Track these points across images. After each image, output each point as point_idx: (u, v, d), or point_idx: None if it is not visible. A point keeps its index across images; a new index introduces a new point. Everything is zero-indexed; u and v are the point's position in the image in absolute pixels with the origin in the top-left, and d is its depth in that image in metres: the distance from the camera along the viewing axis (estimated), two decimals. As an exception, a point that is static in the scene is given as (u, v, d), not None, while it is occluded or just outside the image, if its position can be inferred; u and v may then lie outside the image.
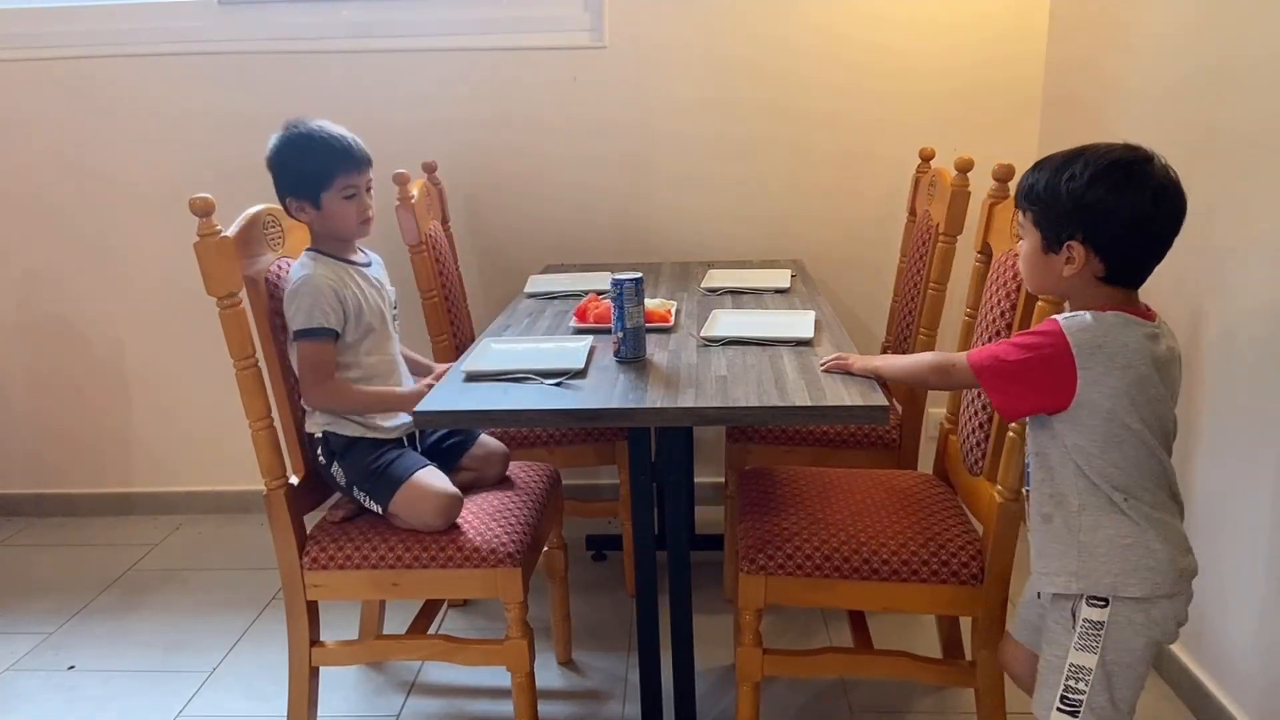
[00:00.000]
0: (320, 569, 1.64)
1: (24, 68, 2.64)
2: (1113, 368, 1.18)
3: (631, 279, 1.56)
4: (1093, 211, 1.20)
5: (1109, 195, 1.19)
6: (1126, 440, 1.21)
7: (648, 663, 1.67)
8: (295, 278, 1.65)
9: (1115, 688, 1.24)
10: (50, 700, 2.00)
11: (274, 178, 1.69)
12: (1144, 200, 1.19)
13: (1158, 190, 1.19)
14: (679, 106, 2.60)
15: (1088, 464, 1.23)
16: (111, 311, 2.78)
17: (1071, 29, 2.41)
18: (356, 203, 1.68)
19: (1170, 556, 1.24)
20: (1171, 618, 1.26)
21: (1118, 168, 1.20)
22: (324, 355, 1.64)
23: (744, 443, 2.14)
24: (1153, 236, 1.21)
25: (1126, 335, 1.19)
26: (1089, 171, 1.20)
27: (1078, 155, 1.23)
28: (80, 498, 2.91)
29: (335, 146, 1.66)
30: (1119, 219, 1.19)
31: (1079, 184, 1.20)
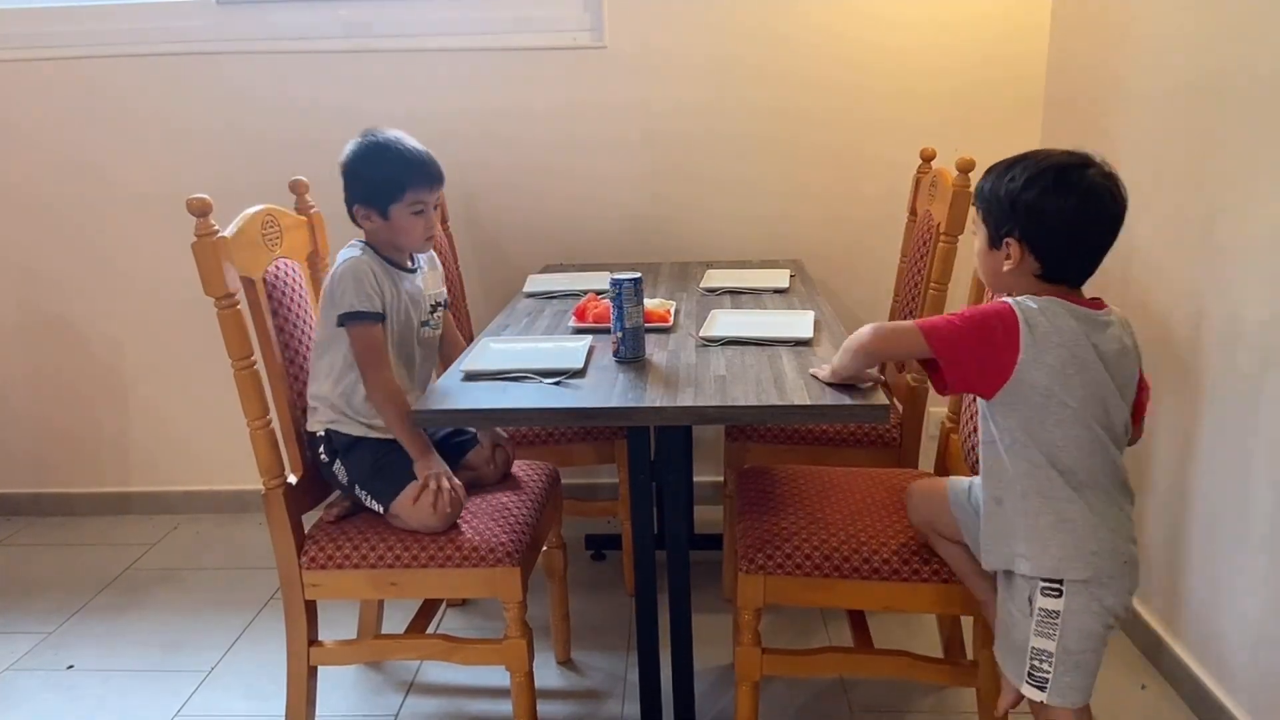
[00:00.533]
0: (319, 568, 1.64)
1: (24, 68, 2.64)
2: (1049, 345, 1.24)
3: (630, 279, 1.56)
4: (1026, 211, 1.27)
5: (1040, 197, 1.26)
6: (1067, 420, 1.26)
7: (647, 662, 1.67)
8: (341, 260, 1.65)
9: (1078, 666, 1.30)
10: (49, 700, 2.00)
11: (345, 183, 1.69)
12: (1072, 203, 1.25)
13: (1086, 194, 1.25)
14: (678, 106, 2.60)
15: (1033, 446, 1.27)
16: (110, 311, 2.78)
17: (1073, 29, 2.41)
18: (424, 219, 1.69)
19: (1113, 543, 1.29)
20: (1120, 603, 1.30)
21: (1051, 171, 1.27)
22: (376, 338, 1.64)
23: (743, 441, 2.14)
24: (1081, 238, 1.27)
25: (1063, 319, 1.25)
26: (1026, 174, 1.28)
27: (1022, 158, 1.31)
28: (79, 497, 2.91)
29: (411, 160, 1.66)
30: (1049, 220, 1.26)
31: (1016, 185, 1.28)
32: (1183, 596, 1.90)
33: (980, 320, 1.26)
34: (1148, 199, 2.02)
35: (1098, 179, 1.26)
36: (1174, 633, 1.94)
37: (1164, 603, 1.97)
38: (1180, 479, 1.89)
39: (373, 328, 1.63)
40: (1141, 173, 2.05)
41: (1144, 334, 2.03)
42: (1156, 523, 1.99)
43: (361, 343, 1.63)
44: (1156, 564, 1.99)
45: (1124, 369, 1.29)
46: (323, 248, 1.94)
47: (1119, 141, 2.15)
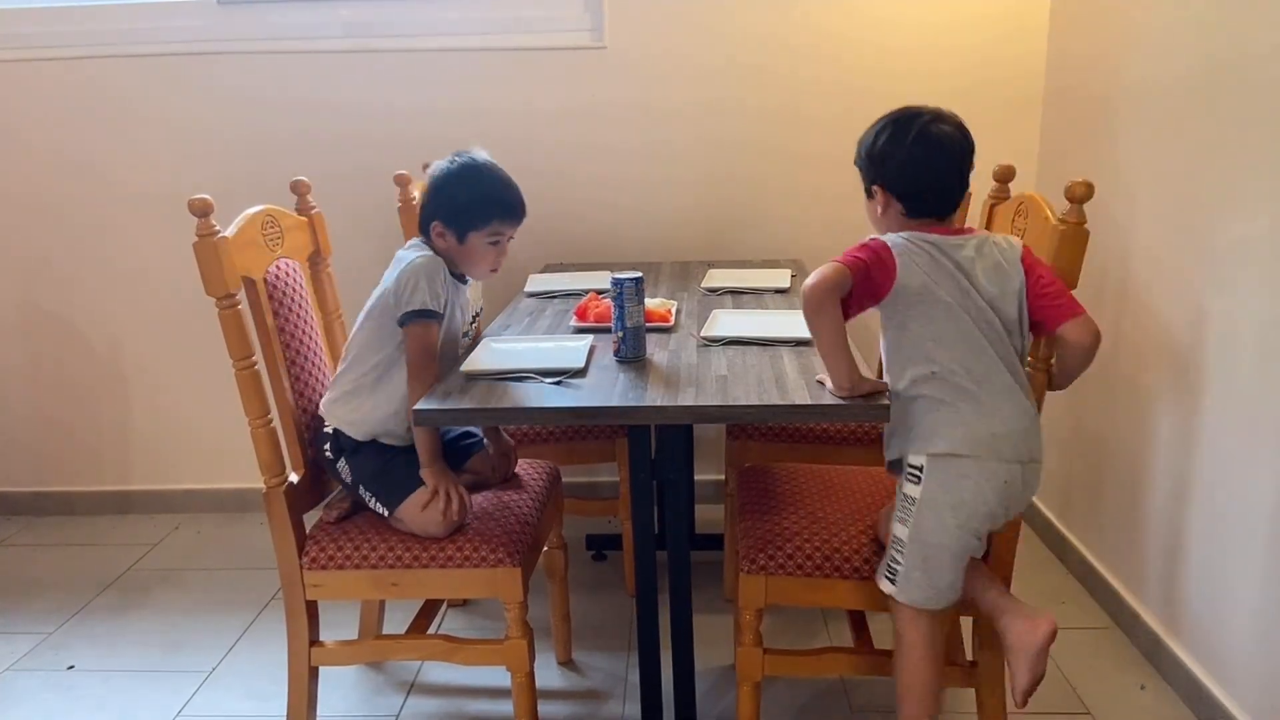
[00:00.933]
0: (319, 569, 1.64)
1: (24, 68, 2.64)
2: (917, 257, 1.40)
3: (631, 278, 1.56)
4: (879, 160, 1.47)
5: (886, 145, 1.46)
6: (941, 315, 1.40)
7: (648, 662, 1.67)
8: (413, 258, 1.64)
9: (928, 562, 1.40)
10: (50, 700, 2.00)
11: (429, 197, 1.68)
12: (912, 147, 1.44)
13: (920, 137, 1.43)
14: (679, 106, 2.60)
15: (918, 342, 1.41)
16: (111, 311, 2.78)
17: (1072, 29, 2.41)
18: (497, 250, 1.69)
19: (980, 423, 1.38)
20: (980, 501, 1.38)
21: (890, 122, 1.47)
22: (433, 339, 1.63)
23: (744, 440, 2.14)
24: (926, 176, 1.45)
25: (916, 244, 1.42)
26: (876, 129, 1.48)
27: (880, 119, 1.49)
28: (79, 496, 2.91)
29: (503, 192, 1.67)
30: (896, 164, 1.45)
31: (870, 140, 1.49)
32: (1182, 597, 1.90)
33: (861, 250, 1.42)
34: (1147, 198, 2.03)
35: (934, 126, 1.44)
36: (1173, 633, 1.94)
37: (1163, 603, 1.97)
38: (1180, 479, 1.90)
39: (433, 328, 1.62)
40: (1141, 172, 2.06)
41: (1144, 334, 2.04)
42: (1156, 523, 1.99)
43: (420, 342, 1.61)
44: (1156, 564, 2.00)
45: (995, 280, 1.42)
46: (324, 248, 1.94)
47: (1118, 141, 2.15)
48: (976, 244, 1.44)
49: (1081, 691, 1.92)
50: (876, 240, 1.43)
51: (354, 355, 1.69)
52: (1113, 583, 2.17)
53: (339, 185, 2.47)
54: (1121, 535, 2.14)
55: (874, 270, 1.39)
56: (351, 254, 2.27)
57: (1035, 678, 1.39)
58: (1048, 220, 1.48)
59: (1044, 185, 2.53)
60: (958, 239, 1.44)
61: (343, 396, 1.70)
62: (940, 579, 1.41)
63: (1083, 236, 1.42)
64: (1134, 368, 2.07)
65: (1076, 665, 2.00)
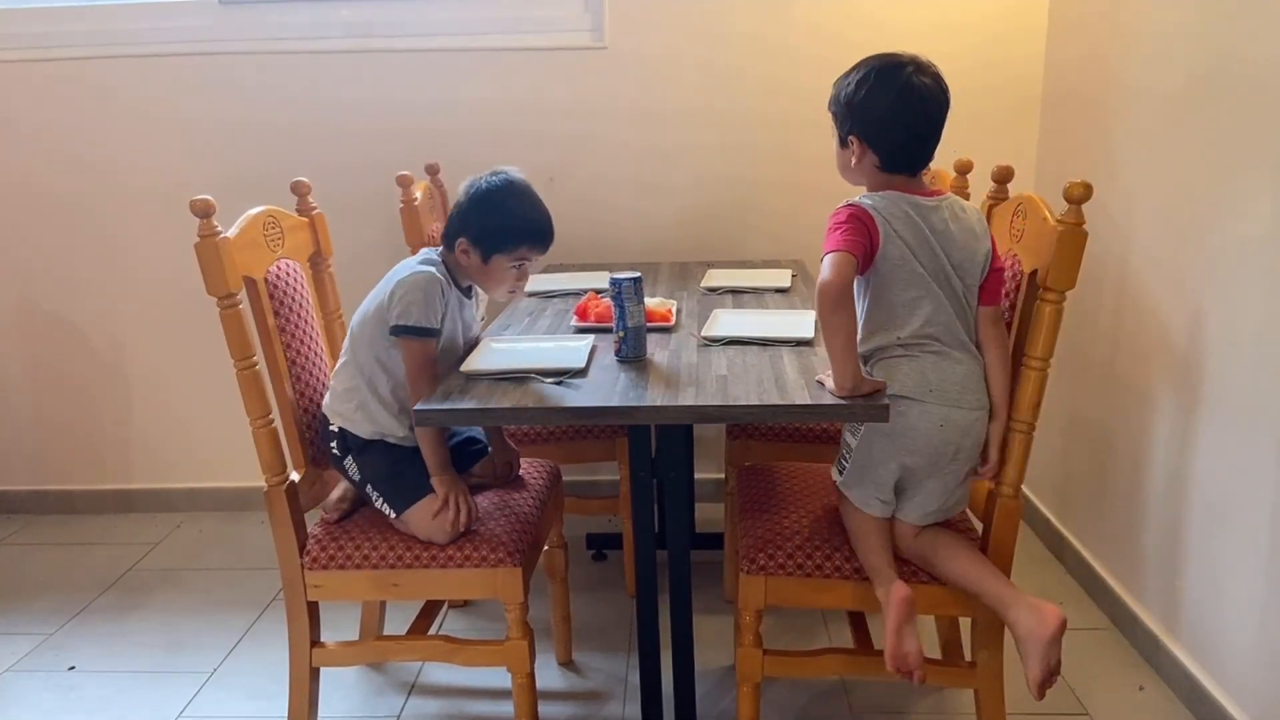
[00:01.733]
0: (321, 569, 1.64)
1: (24, 68, 2.64)
2: (897, 223, 1.45)
3: (631, 278, 1.56)
4: (858, 111, 1.48)
5: (867, 96, 1.46)
6: (914, 284, 1.46)
7: (648, 663, 1.67)
8: (415, 269, 1.63)
9: (864, 474, 1.53)
10: (50, 701, 2.00)
11: (460, 212, 1.67)
12: (894, 99, 1.45)
13: (903, 90, 1.44)
14: (679, 106, 2.60)
15: (890, 310, 1.48)
16: (112, 310, 2.79)
17: (1070, 32, 2.42)
18: (518, 274, 1.69)
19: (930, 373, 1.47)
20: (916, 430, 1.47)
21: (873, 73, 1.47)
22: (431, 352, 1.62)
23: (744, 440, 2.15)
24: (906, 128, 1.47)
25: (896, 208, 1.46)
26: (857, 77, 1.48)
27: (857, 65, 1.50)
28: (80, 494, 2.92)
29: (535, 218, 1.66)
30: (877, 116, 1.47)
31: (850, 88, 1.49)
32: (1181, 597, 1.90)
33: (851, 223, 1.44)
34: (1145, 199, 2.03)
35: (916, 78, 1.44)
36: (1172, 634, 1.94)
37: (1162, 604, 1.97)
38: (1179, 479, 1.90)
39: (429, 344, 1.62)
40: (1140, 173, 2.06)
41: (1143, 334, 2.04)
42: (1155, 523, 1.99)
43: (417, 357, 1.61)
44: (1155, 565, 2.00)
45: (966, 244, 1.48)
46: (325, 248, 1.94)
47: (1117, 143, 2.15)
48: (948, 206, 1.50)
49: (1080, 692, 1.92)
50: (856, 208, 1.45)
51: (350, 356, 1.69)
52: (1111, 583, 2.17)
53: (340, 186, 2.48)
54: (1120, 536, 2.15)
55: (869, 240, 1.44)
56: (352, 254, 2.27)
57: (1049, 669, 1.39)
58: (1046, 221, 1.48)
59: (1042, 186, 2.53)
60: (931, 201, 1.49)
61: (343, 393, 1.70)
62: (873, 491, 1.53)
63: (1081, 237, 1.42)
64: (1133, 368, 2.07)
65: (1075, 666, 2.01)
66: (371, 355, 1.66)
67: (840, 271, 1.38)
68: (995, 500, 1.53)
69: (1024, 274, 1.56)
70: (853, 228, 1.43)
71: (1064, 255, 1.42)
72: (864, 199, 1.48)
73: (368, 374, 1.67)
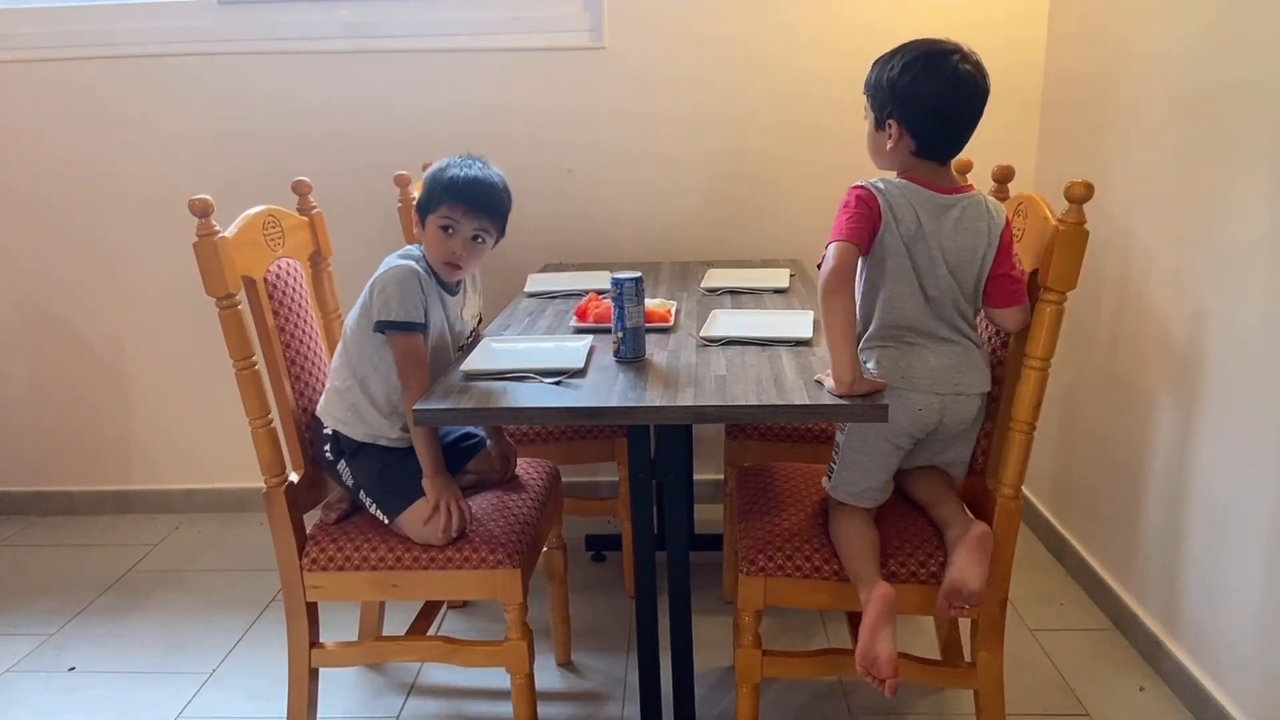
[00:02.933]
0: (320, 570, 1.64)
1: (24, 68, 2.64)
2: (897, 213, 1.48)
3: (631, 278, 1.56)
4: (902, 95, 1.48)
5: (913, 82, 1.47)
6: (903, 281, 1.50)
7: (647, 664, 1.67)
8: (391, 265, 1.63)
9: (853, 467, 1.57)
10: (50, 701, 2.00)
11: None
12: (941, 87, 1.46)
13: (951, 78, 1.46)
14: (678, 106, 2.60)
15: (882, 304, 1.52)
16: (111, 310, 2.79)
17: (1070, 38, 2.41)
18: (451, 240, 1.65)
19: (903, 361, 1.52)
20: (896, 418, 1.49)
21: (922, 58, 1.48)
22: (417, 346, 1.62)
23: (743, 440, 2.14)
24: (950, 118, 1.49)
25: (905, 199, 1.48)
26: (902, 62, 1.49)
27: (900, 49, 1.51)
28: (80, 496, 2.91)
29: (460, 178, 1.65)
30: (921, 102, 1.47)
31: (894, 72, 1.49)
32: (1181, 598, 1.90)
33: (857, 207, 1.47)
34: (1146, 202, 2.03)
35: (962, 66, 1.46)
36: (1173, 634, 1.94)
37: (1163, 604, 1.97)
38: (1179, 479, 1.89)
39: (414, 337, 1.61)
40: (1139, 176, 2.06)
41: (1143, 334, 2.04)
42: (1155, 523, 1.99)
43: (405, 352, 1.61)
44: (1155, 565, 2.00)
45: (967, 246, 1.50)
46: (325, 248, 1.94)
47: (1117, 147, 2.15)
48: (967, 204, 1.51)
49: (1080, 693, 1.92)
50: (864, 192, 1.48)
51: (343, 358, 1.69)
52: (1111, 584, 2.17)
53: (340, 185, 2.48)
54: (1120, 536, 2.14)
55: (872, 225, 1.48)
56: (352, 254, 2.27)
57: (962, 578, 1.45)
58: (1047, 220, 1.48)
59: (1043, 186, 2.53)
60: (949, 198, 1.50)
61: (336, 396, 1.69)
62: (861, 482, 1.57)
63: (1082, 237, 1.42)
64: (1133, 368, 2.07)
65: (1075, 666, 2.00)
66: (363, 356, 1.66)
67: (840, 260, 1.42)
68: (995, 501, 1.53)
69: (1025, 274, 1.56)
70: (859, 213, 1.46)
71: (1065, 255, 1.42)
72: (876, 182, 1.50)
73: (360, 375, 1.67)
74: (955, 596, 1.47)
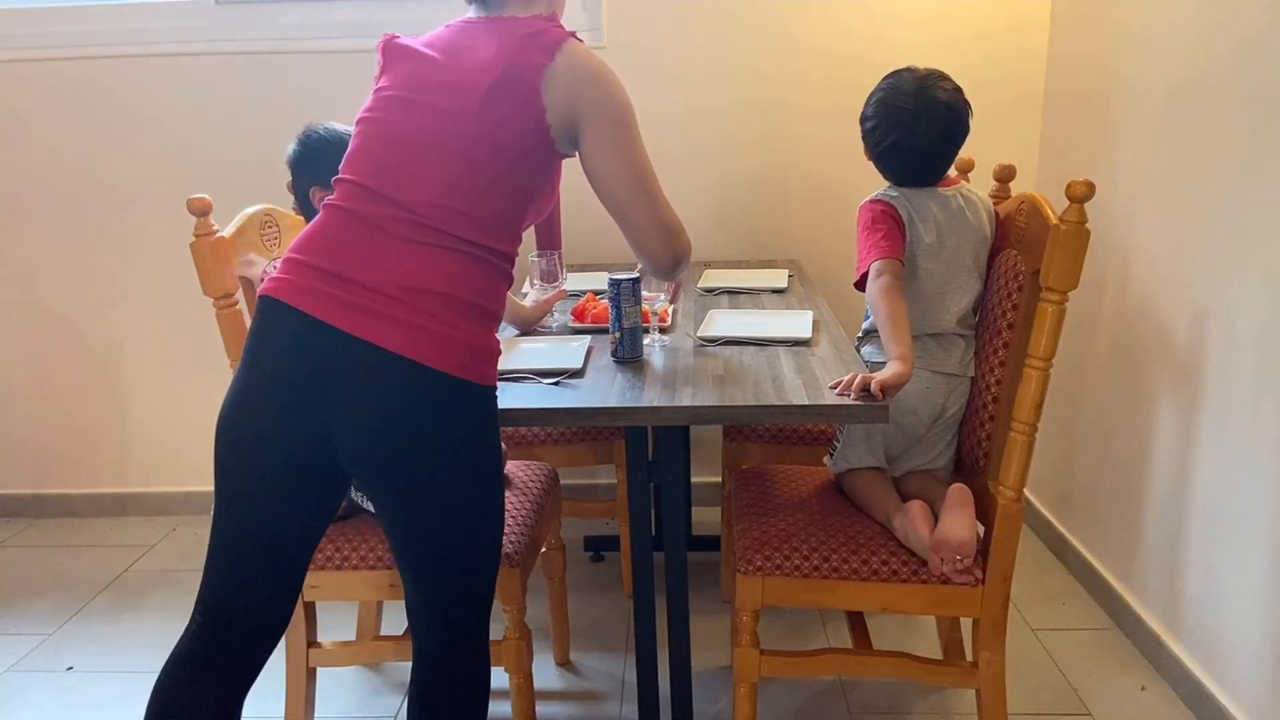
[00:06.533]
0: (317, 569, 1.63)
1: (24, 68, 2.64)
2: (917, 219, 1.60)
3: (629, 279, 1.56)
4: (868, 140, 1.64)
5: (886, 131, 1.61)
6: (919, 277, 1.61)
7: (645, 664, 1.67)
8: None
9: (851, 442, 1.69)
10: (49, 701, 2.00)
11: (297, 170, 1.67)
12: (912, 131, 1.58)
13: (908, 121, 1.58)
14: (677, 105, 2.59)
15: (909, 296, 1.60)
16: (109, 311, 2.78)
17: (1073, 27, 2.41)
18: None
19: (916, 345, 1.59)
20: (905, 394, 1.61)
21: (891, 106, 1.59)
22: None
23: (741, 442, 2.14)
24: (919, 155, 1.61)
25: (917, 200, 1.61)
26: (875, 107, 1.62)
27: (879, 87, 1.64)
28: (78, 498, 2.91)
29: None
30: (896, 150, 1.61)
31: (864, 118, 1.64)
32: (1183, 597, 1.89)
33: (884, 222, 1.58)
34: (1148, 197, 2.02)
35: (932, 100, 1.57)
36: (1174, 634, 1.93)
37: (1164, 603, 1.97)
38: (1180, 479, 1.89)
39: None
40: (1141, 170, 2.05)
41: (1143, 333, 2.03)
42: (1156, 523, 1.98)
43: None
44: (1156, 564, 1.99)
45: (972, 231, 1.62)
46: (321, 248, 1.93)
47: (1119, 139, 2.14)
48: (961, 195, 1.65)
49: (1082, 692, 1.92)
50: (885, 205, 1.61)
51: None
52: (1113, 583, 2.17)
53: (338, 185, 2.47)
54: (1122, 536, 2.14)
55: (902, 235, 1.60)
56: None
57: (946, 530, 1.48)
58: (1048, 219, 1.48)
59: (1044, 185, 2.52)
60: (948, 190, 1.65)
61: None
62: (867, 446, 1.67)
63: (1083, 236, 1.41)
64: (1134, 367, 2.07)
65: (1077, 666, 2.00)
66: None
67: (894, 272, 1.54)
68: (997, 503, 1.52)
69: (1025, 273, 1.55)
70: (888, 229, 1.58)
71: (1066, 254, 1.41)
72: (889, 194, 1.63)
73: None
74: (943, 548, 1.49)
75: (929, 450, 1.70)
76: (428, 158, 1.22)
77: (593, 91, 1.28)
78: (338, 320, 1.17)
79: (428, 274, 1.19)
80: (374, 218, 1.21)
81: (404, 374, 1.16)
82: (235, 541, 1.31)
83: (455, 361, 1.18)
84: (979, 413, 1.65)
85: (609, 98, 1.29)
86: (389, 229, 1.20)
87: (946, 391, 1.65)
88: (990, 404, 1.62)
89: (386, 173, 1.22)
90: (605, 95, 1.29)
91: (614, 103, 1.30)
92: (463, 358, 1.19)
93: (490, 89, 1.24)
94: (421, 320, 1.17)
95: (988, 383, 1.63)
